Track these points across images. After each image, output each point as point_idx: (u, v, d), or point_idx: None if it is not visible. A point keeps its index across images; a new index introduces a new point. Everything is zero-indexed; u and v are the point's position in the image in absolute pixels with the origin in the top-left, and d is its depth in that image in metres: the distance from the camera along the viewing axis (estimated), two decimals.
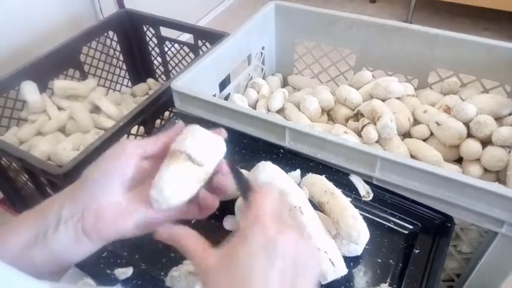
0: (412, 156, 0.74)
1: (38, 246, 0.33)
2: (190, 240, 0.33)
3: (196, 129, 0.38)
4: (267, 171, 0.52)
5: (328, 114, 0.89)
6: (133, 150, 0.36)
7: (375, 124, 0.75)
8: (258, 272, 0.29)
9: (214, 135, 0.38)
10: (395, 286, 0.48)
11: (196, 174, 0.36)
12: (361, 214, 0.49)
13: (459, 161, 0.76)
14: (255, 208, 0.33)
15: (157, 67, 1.36)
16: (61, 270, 0.35)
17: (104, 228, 0.34)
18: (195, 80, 0.74)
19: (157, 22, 1.21)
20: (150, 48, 1.30)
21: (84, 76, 1.19)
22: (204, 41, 1.15)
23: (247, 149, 0.66)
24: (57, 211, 0.33)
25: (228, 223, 0.54)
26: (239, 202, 0.53)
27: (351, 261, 0.50)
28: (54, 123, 1.00)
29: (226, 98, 0.89)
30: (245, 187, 0.37)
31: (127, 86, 1.37)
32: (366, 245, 0.50)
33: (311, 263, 0.33)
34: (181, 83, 0.71)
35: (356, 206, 0.50)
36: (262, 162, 0.54)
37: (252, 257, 0.30)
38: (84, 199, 0.34)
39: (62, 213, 0.33)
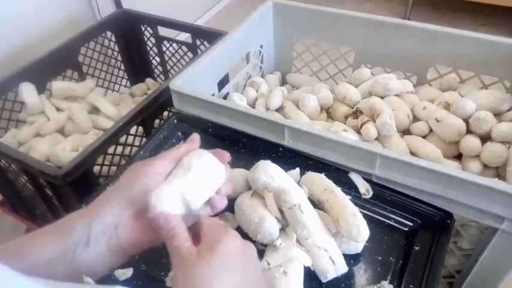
0: (412, 153, 0.74)
1: (64, 262, 0.33)
2: (181, 233, 0.34)
3: (204, 156, 0.39)
4: (266, 170, 0.52)
5: (327, 112, 0.89)
6: (159, 172, 0.37)
7: (374, 121, 0.75)
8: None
9: (218, 163, 0.40)
10: (395, 283, 0.48)
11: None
12: (361, 212, 0.49)
13: (459, 157, 0.76)
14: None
15: (156, 67, 1.35)
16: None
17: (140, 241, 0.36)
18: (193, 80, 0.74)
19: (155, 22, 1.21)
20: (148, 48, 1.30)
21: (82, 77, 1.18)
22: (202, 40, 1.14)
23: (246, 148, 0.66)
24: (85, 228, 0.34)
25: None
26: (239, 201, 0.53)
27: (351, 259, 0.50)
28: (53, 125, 1.00)
29: (225, 97, 0.89)
30: None
31: (125, 86, 1.36)
32: (366, 242, 0.50)
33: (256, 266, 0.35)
34: (180, 83, 0.71)
35: (356, 204, 0.50)
36: (262, 161, 0.54)
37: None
38: (114, 215, 0.35)
39: (91, 230, 0.34)
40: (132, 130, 0.87)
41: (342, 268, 0.47)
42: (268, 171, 0.52)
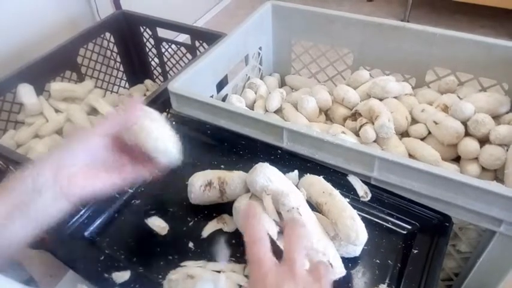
0: (410, 156, 0.74)
1: (18, 214, 0.36)
2: (266, 242, 0.34)
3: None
4: (264, 173, 0.52)
5: (326, 114, 0.89)
6: (100, 136, 0.41)
7: (373, 124, 0.75)
8: None
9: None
10: (394, 286, 0.48)
11: None
12: (359, 215, 0.49)
13: (457, 160, 0.76)
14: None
15: (155, 68, 1.35)
16: (41, 234, 0.39)
17: (76, 190, 0.39)
18: (192, 81, 0.74)
19: (154, 23, 1.21)
20: (147, 49, 1.30)
21: (81, 78, 1.18)
22: (201, 42, 1.14)
23: (245, 150, 0.66)
24: (31, 180, 0.37)
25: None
26: (237, 204, 0.53)
27: (350, 262, 0.50)
28: (52, 126, 1.00)
29: (223, 99, 0.89)
30: None
31: (124, 87, 1.36)
32: (364, 245, 0.50)
33: None
34: (179, 85, 0.71)
35: (354, 207, 0.50)
36: (260, 163, 0.53)
37: None
38: (53, 166, 0.38)
39: (36, 182, 0.37)
40: None
41: (340, 271, 0.47)
42: (266, 174, 0.51)
